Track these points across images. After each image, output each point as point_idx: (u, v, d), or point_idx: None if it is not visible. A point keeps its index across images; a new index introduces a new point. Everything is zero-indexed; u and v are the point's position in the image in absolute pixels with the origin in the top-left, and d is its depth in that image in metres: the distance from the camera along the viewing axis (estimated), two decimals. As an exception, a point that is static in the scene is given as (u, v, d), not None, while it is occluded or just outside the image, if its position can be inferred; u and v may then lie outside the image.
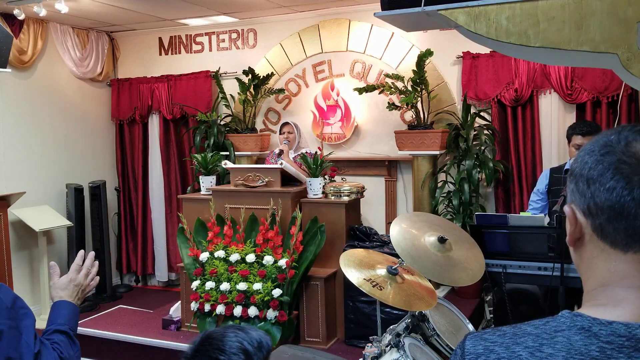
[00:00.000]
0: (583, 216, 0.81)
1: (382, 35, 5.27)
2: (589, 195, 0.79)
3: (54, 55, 5.78)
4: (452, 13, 2.40)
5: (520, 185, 4.88)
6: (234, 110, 5.84)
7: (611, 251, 0.78)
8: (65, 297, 1.71)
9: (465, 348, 0.82)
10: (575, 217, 0.82)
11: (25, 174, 5.47)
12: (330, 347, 4.04)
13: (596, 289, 0.80)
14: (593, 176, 0.79)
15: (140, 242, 6.40)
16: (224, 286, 3.95)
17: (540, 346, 0.76)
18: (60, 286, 1.72)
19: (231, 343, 1.41)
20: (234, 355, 1.39)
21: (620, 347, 0.72)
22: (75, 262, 1.78)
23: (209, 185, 4.56)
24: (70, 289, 1.72)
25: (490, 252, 3.29)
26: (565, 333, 0.76)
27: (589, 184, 0.79)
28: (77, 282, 1.74)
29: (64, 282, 1.73)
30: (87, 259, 1.80)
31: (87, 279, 1.77)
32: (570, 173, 0.84)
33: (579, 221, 0.81)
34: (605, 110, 4.50)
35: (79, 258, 1.79)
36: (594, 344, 0.73)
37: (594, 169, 0.79)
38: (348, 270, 2.50)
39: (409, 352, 2.34)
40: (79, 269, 1.77)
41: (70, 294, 1.72)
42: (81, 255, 1.81)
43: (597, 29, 2.17)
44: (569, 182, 0.84)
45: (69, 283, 1.73)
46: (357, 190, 4.31)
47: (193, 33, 6.13)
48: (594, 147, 0.81)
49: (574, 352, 0.74)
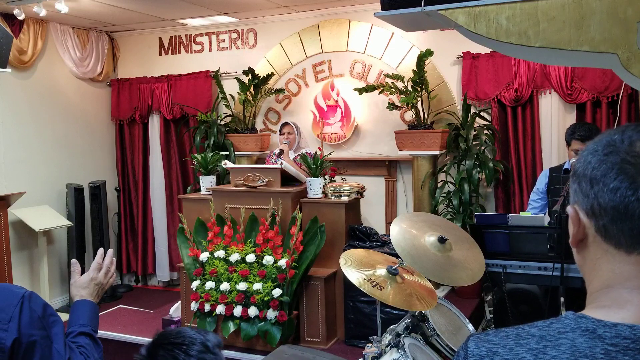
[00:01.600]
0: (586, 217, 0.80)
1: (382, 35, 5.27)
2: (592, 196, 0.78)
3: (54, 55, 5.78)
4: (452, 13, 2.40)
5: (520, 185, 4.88)
6: (234, 110, 5.84)
7: (615, 252, 0.77)
8: (86, 296, 1.71)
9: (468, 350, 0.81)
10: (579, 218, 0.81)
11: (25, 174, 5.47)
12: (330, 347, 4.04)
13: (600, 290, 0.79)
14: (596, 176, 0.78)
15: (140, 242, 6.40)
16: (224, 286, 3.95)
17: (545, 348, 0.75)
18: (81, 285, 1.72)
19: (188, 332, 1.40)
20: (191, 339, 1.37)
21: (625, 349, 0.72)
22: (95, 260, 1.78)
23: (209, 185, 4.56)
24: (91, 288, 1.72)
25: (490, 252, 3.29)
26: (569, 335, 0.75)
27: (592, 184, 0.78)
28: (97, 280, 1.74)
29: (85, 281, 1.73)
30: (106, 257, 1.79)
31: (107, 278, 1.77)
32: (573, 173, 0.83)
33: (582, 222, 0.81)
34: (605, 110, 4.50)
35: (99, 256, 1.79)
36: (599, 346, 0.73)
37: (598, 169, 0.78)
38: (348, 270, 2.50)
39: (409, 352, 2.34)
40: (99, 267, 1.76)
41: (91, 292, 1.72)
42: (101, 253, 1.80)
43: (597, 29, 2.17)
44: (572, 182, 0.83)
45: (90, 282, 1.73)
46: (357, 190, 4.31)
47: (193, 33, 6.13)
48: (597, 147, 0.80)
49: (578, 354, 0.73)
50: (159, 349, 1.38)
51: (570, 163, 3.77)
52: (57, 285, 5.81)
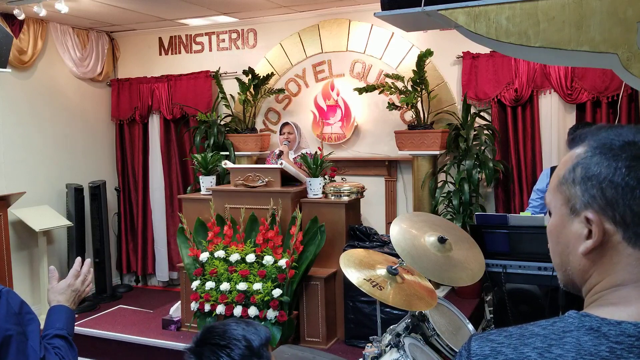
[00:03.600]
0: (613, 225, 0.77)
1: (382, 35, 5.27)
2: (624, 204, 0.75)
3: (54, 55, 5.78)
4: (452, 13, 2.40)
5: (520, 185, 4.88)
6: (234, 110, 5.84)
7: (639, 255, 0.77)
8: (63, 302, 1.73)
9: (471, 349, 0.80)
10: (603, 227, 0.78)
11: (25, 174, 5.47)
12: (330, 347, 4.04)
13: (609, 289, 0.79)
14: (630, 184, 0.75)
15: (140, 242, 6.40)
16: (224, 286, 3.95)
17: (549, 347, 0.75)
18: (58, 290, 1.75)
19: (233, 332, 1.41)
20: (236, 341, 1.39)
21: (630, 347, 0.72)
22: (73, 267, 1.81)
23: (209, 185, 4.56)
24: (68, 294, 1.75)
25: (490, 252, 3.29)
26: (574, 334, 0.75)
27: (625, 192, 0.75)
28: (74, 287, 1.77)
29: (62, 287, 1.76)
30: (84, 266, 1.83)
31: (84, 285, 1.80)
32: (589, 177, 0.79)
33: (607, 230, 0.78)
34: (605, 110, 4.50)
35: (77, 264, 1.82)
36: (604, 344, 0.73)
37: (629, 175, 0.75)
38: (348, 270, 2.50)
39: (409, 352, 2.34)
40: (77, 274, 1.80)
41: (68, 298, 1.75)
42: (79, 261, 1.83)
43: (597, 29, 2.17)
44: (587, 187, 0.79)
45: (67, 288, 1.76)
46: (357, 190, 4.31)
47: (193, 33, 6.13)
48: (616, 151, 0.77)
49: (583, 352, 0.73)
50: (205, 347, 1.40)
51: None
52: (57, 285, 5.80)
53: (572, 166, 0.82)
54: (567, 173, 0.83)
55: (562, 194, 0.83)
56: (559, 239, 0.85)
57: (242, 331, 1.41)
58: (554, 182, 0.86)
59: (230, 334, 1.40)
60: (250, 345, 1.39)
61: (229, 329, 1.42)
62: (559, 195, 0.84)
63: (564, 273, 0.86)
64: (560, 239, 0.84)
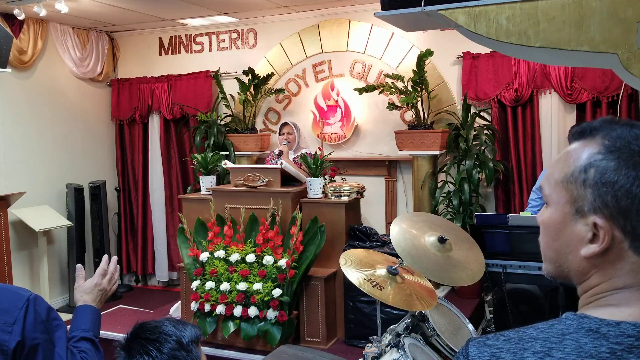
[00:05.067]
0: (622, 233, 0.76)
1: (382, 35, 5.27)
2: (638, 215, 0.74)
3: (54, 55, 5.78)
4: (452, 13, 2.40)
5: (520, 185, 4.88)
6: (234, 110, 5.84)
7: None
8: (89, 301, 1.72)
9: (469, 355, 0.79)
10: (613, 234, 0.76)
11: (25, 174, 5.47)
12: (330, 347, 4.04)
13: (608, 291, 0.78)
14: None
15: (140, 242, 6.40)
16: (224, 286, 3.94)
17: (550, 350, 0.74)
18: (85, 290, 1.73)
19: (164, 328, 1.40)
20: (166, 336, 1.38)
21: (630, 347, 0.71)
22: (100, 266, 1.79)
23: (209, 185, 4.56)
24: (95, 294, 1.73)
25: (490, 252, 3.29)
26: (573, 336, 0.74)
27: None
28: (102, 286, 1.75)
29: (89, 286, 1.74)
30: (110, 264, 1.80)
31: (110, 284, 1.78)
32: (603, 183, 0.76)
33: (614, 238, 0.77)
34: (605, 110, 4.50)
35: (104, 262, 1.80)
36: (604, 346, 0.72)
37: None
38: (348, 270, 2.50)
39: (409, 352, 2.34)
40: (104, 273, 1.77)
41: (94, 298, 1.73)
42: (106, 259, 1.81)
43: (597, 29, 2.17)
44: (599, 192, 0.77)
45: (94, 287, 1.74)
46: (357, 190, 4.31)
47: (193, 33, 6.13)
48: (637, 158, 0.75)
49: (584, 354, 0.72)
50: (134, 342, 1.39)
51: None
52: (57, 285, 5.81)
53: (584, 166, 0.79)
54: (577, 172, 0.79)
55: (568, 191, 0.80)
56: (557, 235, 0.82)
57: (173, 328, 1.40)
58: (557, 175, 0.82)
59: (161, 329, 1.40)
60: (180, 341, 1.38)
61: (160, 324, 1.42)
62: (564, 192, 0.81)
63: (556, 268, 0.84)
64: (560, 236, 0.82)
